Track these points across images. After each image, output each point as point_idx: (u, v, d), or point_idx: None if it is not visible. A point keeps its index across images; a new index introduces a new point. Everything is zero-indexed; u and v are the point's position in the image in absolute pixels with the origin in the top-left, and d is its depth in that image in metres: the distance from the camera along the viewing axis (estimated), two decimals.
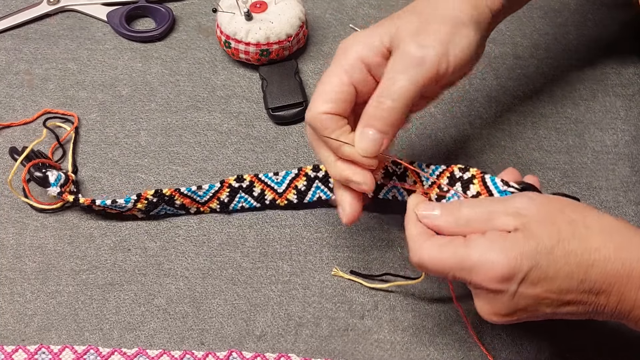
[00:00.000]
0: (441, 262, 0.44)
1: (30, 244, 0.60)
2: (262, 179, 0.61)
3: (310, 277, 0.58)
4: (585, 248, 0.42)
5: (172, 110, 0.67)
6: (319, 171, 0.60)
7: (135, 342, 0.55)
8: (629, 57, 0.70)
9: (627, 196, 0.62)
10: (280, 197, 0.61)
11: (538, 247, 0.42)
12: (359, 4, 0.74)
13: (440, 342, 0.55)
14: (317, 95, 0.49)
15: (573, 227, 0.42)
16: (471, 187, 0.51)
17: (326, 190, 0.60)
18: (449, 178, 0.52)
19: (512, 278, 0.42)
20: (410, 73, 0.46)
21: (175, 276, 0.58)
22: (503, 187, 0.48)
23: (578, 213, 0.43)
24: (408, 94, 0.46)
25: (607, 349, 0.54)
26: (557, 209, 0.44)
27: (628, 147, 0.64)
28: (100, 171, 0.63)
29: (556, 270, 0.42)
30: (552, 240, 0.42)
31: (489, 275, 0.42)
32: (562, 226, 0.42)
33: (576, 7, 0.74)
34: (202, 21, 0.73)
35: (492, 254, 0.42)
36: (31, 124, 0.66)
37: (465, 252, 0.43)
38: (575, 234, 0.42)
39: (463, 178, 0.51)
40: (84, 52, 0.71)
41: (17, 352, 0.55)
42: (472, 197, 0.50)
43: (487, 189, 0.50)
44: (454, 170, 0.52)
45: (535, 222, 0.43)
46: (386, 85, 0.46)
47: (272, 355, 0.54)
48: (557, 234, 0.42)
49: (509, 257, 0.42)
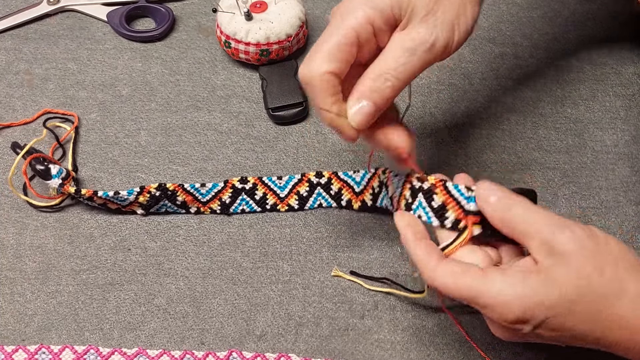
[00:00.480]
0: (456, 291, 0.42)
1: (30, 243, 0.60)
2: (265, 182, 0.61)
3: (310, 277, 0.58)
4: (609, 312, 0.40)
5: (172, 110, 0.67)
6: (321, 177, 0.60)
7: (135, 342, 0.55)
8: (629, 57, 0.70)
9: (627, 196, 0.62)
10: (281, 202, 0.61)
11: (559, 300, 0.40)
12: None
13: (440, 342, 0.55)
14: (319, 50, 0.45)
15: (605, 288, 0.40)
16: (435, 198, 0.48)
17: (327, 197, 0.60)
18: (410, 189, 0.50)
19: (527, 322, 0.41)
20: (419, 56, 0.45)
21: (176, 276, 0.58)
22: (468, 193, 0.46)
23: (619, 271, 0.41)
24: (414, 75, 0.45)
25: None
26: (597, 261, 0.41)
27: (628, 147, 0.64)
28: (100, 171, 0.63)
29: (574, 325, 0.40)
30: (576, 295, 0.40)
31: (503, 317, 0.41)
32: (593, 282, 0.40)
33: (576, 7, 0.74)
34: (202, 21, 0.74)
35: (509, 298, 0.40)
36: (31, 124, 0.66)
37: (482, 288, 0.41)
38: (605, 295, 0.40)
39: (423, 188, 0.49)
40: (84, 52, 0.71)
41: (17, 352, 0.55)
42: (438, 207, 0.47)
43: (452, 196, 0.47)
44: (412, 181, 0.50)
45: (566, 268, 0.40)
46: (395, 64, 0.45)
47: (272, 355, 0.54)
48: (585, 288, 0.40)
49: (525, 305, 0.40)
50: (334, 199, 0.60)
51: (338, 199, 0.60)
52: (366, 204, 0.59)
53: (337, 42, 0.45)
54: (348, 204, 0.60)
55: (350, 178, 0.60)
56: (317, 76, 0.45)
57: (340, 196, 0.60)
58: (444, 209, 0.47)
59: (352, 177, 0.60)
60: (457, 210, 0.47)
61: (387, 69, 0.45)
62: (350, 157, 0.64)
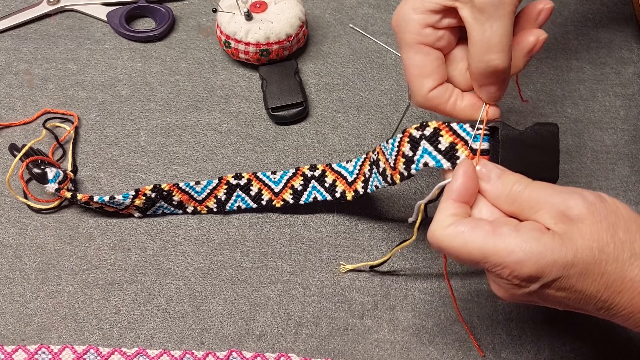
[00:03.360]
0: (464, 254, 0.41)
1: (30, 243, 0.60)
2: (260, 177, 0.61)
3: (309, 276, 0.58)
4: (620, 274, 0.40)
5: (171, 110, 0.67)
6: (315, 170, 0.60)
7: (135, 341, 0.55)
8: (628, 57, 0.70)
9: (627, 196, 0.62)
10: (276, 197, 0.61)
11: (574, 260, 0.39)
12: (359, 4, 0.74)
13: (440, 342, 0.55)
14: (412, 77, 0.47)
15: (617, 250, 0.40)
16: (441, 140, 0.46)
17: (322, 190, 0.60)
18: (409, 142, 0.48)
19: (538, 280, 0.40)
20: (500, 13, 0.43)
21: (175, 276, 0.58)
22: (472, 131, 0.46)
23: (631, 234, 0.40)
24: (508, 38, 0.44)
25: (607, 349, 0.54)
26: (610, 224, 0.40)
27: (628, 146, 0.64)
28: (100, 171, 0.63)
29: (584, 287, 0.40)
30: (591, 257, 0.39)
31: (515, 273, 0.40)
32: (607, 245, 0.40)
33: (576, 7, 0.74)
34: (202, 21, 0.74)
35: (523, 255, 0.40)
36: (31, 124, 0.66)
37: (492, 248, 0.40)
38: (617, 258, 0.40)
39: (425, 135, 0.47)
40: (83, 52, 0.71)
41: (17, 352, 0.55)
42: (446, 149, 0.46)
43: (459, 136, 0.46)
44: (411, 132, 0.48)
45: (579, 232, 0.40)
46: (485, 39, 0.44)
47: (272, 355, 0.54)
48: (598, 252, 0.40)
49: (540, 262, 0.39)
50: (328, 192, 0.60)
51: (332, 191, 0.60)
52: (358, 192, 0.58)
53: (418, 60, 0.47)
54: (342, 195, 0.59)
55: (344, 168, 0.59)
56: (427, 98, 0.47)
57: (334, 188, 0.59)
58: (454, 149, 0.46)
59: (345, 168, 0.59)
60: (467, 150, 0.46)
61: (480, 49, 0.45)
62: (350, 157, 0.64)
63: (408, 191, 0.62)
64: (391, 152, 0.50)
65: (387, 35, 0.71)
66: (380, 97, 0.67)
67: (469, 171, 0.44)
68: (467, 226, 0.41)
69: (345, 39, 0.71)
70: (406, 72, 0.47)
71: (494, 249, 0.40)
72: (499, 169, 0.44)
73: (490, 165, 0.45)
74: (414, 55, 0.47)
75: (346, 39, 0.71)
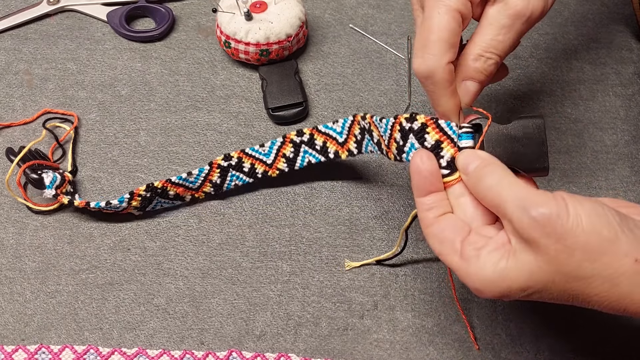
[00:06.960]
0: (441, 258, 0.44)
1: (30, 243, 0.60)
2: (249, 153, 0.61)
3: (309, 277, 0.58)
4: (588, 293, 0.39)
5: (171, 110, 0.67)
6: (303, 135, 0.60)
7: (135, 341, 0.55)
8: (628, 57, 0.70)
9: (627, 196, 0.62)
10: (270, 168, 0.61)
11: (528, 283, 0.40)
12: (359, 4, 0.74)
13: (440, 342, 0.55)
14: (432, 40, 0.44)
15: (578, 270, 0.39)
16: (427, 137, 0.46)
17: (314, 153, 0.60)
18: (400, 131, 0.48)
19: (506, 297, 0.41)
20: (517, 29, 0.44)
21: (175, 276, 0.58)
22: (458, 130, 0.46)
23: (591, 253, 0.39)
24: (512, 48, 0.45)
25: (607, 349, 0.54)
26: (567, 246, 0.38)
27: (627, 147, 0.64)
28: (100, 171, 0.63)
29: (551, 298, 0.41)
30: (547, 281, 0.39)
31: (480, 295, 0.42)
32: (564, 266, 0.39)
33: (576, 7, 0.74)
34: (202, 21, 0.74)
35: (480, 284, 0.41)
36: (31, 124, 0.66)
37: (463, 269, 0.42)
38: (579, 277, 0.39)
39: (413, 129, 0.47)
40: (83, 52, 0.71)
41: (17, 352, 0.55)
42: (432, 146, 0.46)
43: (445, 134, 0.46)
44: (401, 122, 0.48)
45: (532, 256, 0.39)
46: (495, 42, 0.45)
47: (272, 355, 0.54)
48: (555, 274, 0.39)
49: (497, 290, 0.41)
50: (321, 154, 0.59)
51: (325, 153, 0.59)
52: (352, 152, 0.58)
53: (448, 28, 0.44)
54: (335, 155, 0.59)
55: (331, 129, 0.59)
56: (441, 69, 0.44)
57: (326, 149, 0.59)
58: (439, 147, 0.46)
59: (332, 129, 0.59)
60: (453, 148, 0.46)
61: (488, 47, 0.45)
62: None
63: (408, 191, 0.62)
64: (385, 132, 0.50)
65: (387, 35, 0.71)
66: (380, 97, 0.67)
67: (415, 164, 0.45)
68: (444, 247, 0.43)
69: (345, 39, 0.71)
70: (429, 34, 0.44)
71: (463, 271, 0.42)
72: (479, 159, 0.44)
73: (472, 156, 0.44)
74: (450, 20, 0.44)
75: (346, 39, 0.71)
